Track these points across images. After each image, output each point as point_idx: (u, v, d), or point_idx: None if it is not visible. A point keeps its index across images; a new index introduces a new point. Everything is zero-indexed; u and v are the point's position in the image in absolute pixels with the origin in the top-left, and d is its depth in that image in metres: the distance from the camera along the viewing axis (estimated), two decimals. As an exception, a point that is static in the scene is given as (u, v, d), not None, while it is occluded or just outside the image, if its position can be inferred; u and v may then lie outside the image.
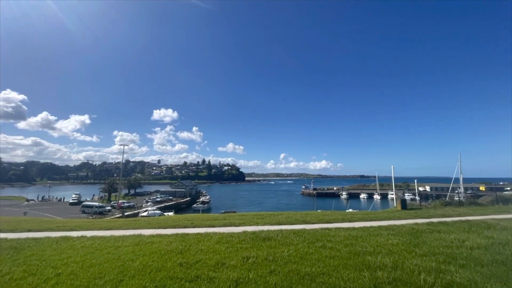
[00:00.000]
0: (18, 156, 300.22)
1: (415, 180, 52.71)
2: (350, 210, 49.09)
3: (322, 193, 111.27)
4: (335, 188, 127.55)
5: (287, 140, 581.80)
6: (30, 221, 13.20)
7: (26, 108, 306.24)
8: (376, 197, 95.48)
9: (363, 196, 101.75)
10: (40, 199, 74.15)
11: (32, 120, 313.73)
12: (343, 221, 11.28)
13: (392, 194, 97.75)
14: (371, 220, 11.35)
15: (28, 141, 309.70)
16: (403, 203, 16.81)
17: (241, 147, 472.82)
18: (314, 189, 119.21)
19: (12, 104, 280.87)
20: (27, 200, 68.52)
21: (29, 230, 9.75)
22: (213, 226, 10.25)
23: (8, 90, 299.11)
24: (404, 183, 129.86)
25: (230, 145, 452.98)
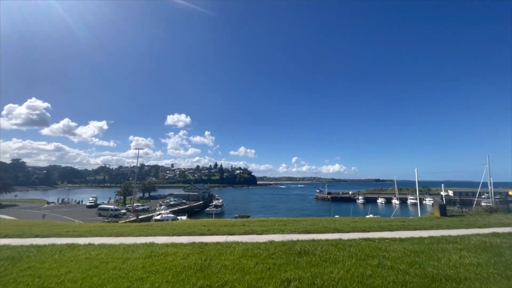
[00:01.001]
0: (42, 161, 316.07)
1: (442, 185, 49.03)
2: (371, 216, 46.39)
3: (337, 198, 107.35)
4: (350, 192, 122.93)
5: (299, 143, 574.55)
6: (42, 225, 12.68)
7: (49, 115, 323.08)
8: (395, 202, 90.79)
9: (380, 200, 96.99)
10: (60, 201, 76.52)
11: (55, 126, 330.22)
12: (381, 229, 9.76)
13: (413, 199, 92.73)
14: (414, 229, 9.76)
15: (51, 146, 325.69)
16: (442, 209, 14.87)
17: (253, 151, 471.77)
18: (329, 193, 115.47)
19: (37, 112, 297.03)
20: (48, 203, 70.79)
21: (37, 236, 9.04)
22: (233, 234, 9.09)
23: (34, 99, 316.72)
24: (425, 187, 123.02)
25: (242, 149, 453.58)
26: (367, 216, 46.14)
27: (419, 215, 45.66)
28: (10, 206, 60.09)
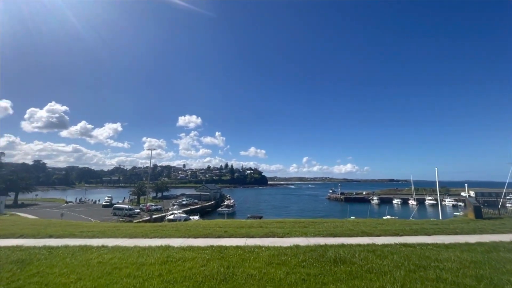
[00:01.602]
0: (61, 162, 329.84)
1: (466, 185, 45.83)
2: (388, 217, 44.53)
3: (351, 198, 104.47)
4: (364, 193, 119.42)
5: (310, 143, 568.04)
6: (57, 225, 12.62)
7: (67, 118, 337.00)
8: (412, 202, 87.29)
9: (396, 201, 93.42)
10: (77, 201, 79.13)
11: (73, 128, 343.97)
12: (415, 233, 8.80)
13: (431, 200, 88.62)
14: (454, 234, 8.72)
15: (69, 148, 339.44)
16: (478, 211, 13.55)
17: (263, 151, 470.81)
18: (342, 193, 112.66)
19: (57, 115, 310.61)
20: (66, 202, 73.38)
21: (51, 236, 8.80)
22: (252, 237, 8.45)
23: (53, 102, 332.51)
24: (443, 188, 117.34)
25: (252, 149, 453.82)
26: (384, 217, 44.32)
27: (440, 217, 43.28)
28: (32, 205, 62.62)
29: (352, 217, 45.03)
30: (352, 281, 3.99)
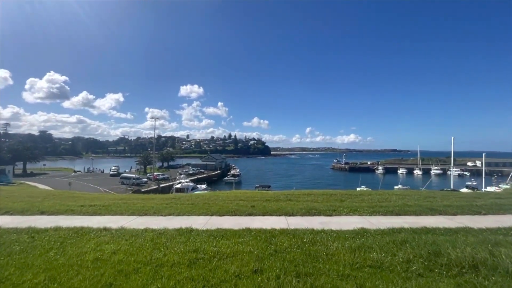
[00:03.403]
0: (66, 133, 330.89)
1: (483, 155, 43.76)
2: (400, 186, 43.61)
3: (355, 168, 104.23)
4: (369, 163, 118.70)
5: (313, 114, 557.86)
6: (57, 197, 11.19)
7: (68, 88, 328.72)
8: (417, 172, 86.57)
9: (401, 171, 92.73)
10: (86, 170, 79.93)
11: (75, 99, 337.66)
12: (498, 209, 6.99)
13: (437, 169, 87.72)
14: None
15: (73, 119, 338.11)
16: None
17: (266, 122, 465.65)
18: (346, 163, 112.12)
19: (57, 85, 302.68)
20: (75, 171, 74.00)
21: (43, 213, 7.19)
22: (291, 214, 6.72)
23: (52, 72, 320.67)
24: (449, 158, 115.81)
25: (255, 120, 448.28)
26: (395, 187, 43.31)
27: (452, 186, 42.03)
28: (41, 174, 63.21)
29: (362, 187, 44.28)
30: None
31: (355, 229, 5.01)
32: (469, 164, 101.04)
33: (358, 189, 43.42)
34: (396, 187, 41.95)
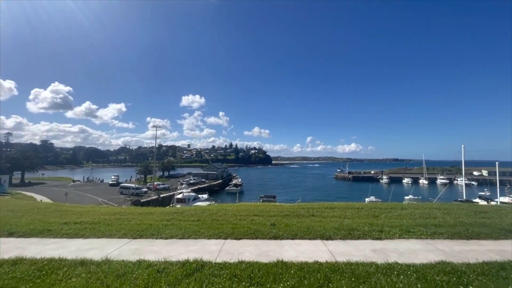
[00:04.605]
0: (68, 142, 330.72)
1: (497, 163, 41.75)
2: (410, 196, 41.56)
3: (359, 177, 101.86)
4: (372, 172, 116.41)
5: (314, 123, 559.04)
6: (42, 210, 9.69)
7: (72, 99, 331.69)
8: (423, 181, 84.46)
9: (406, 180, 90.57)
10: (85, 180, 78.24)
11: (78, 109, 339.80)
12: None
13: (443, 179, 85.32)
14: None
15: (76, 128, 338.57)
16: None
17: (267, 131, 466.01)
18: (350, 172, 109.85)
19: (61, 95, 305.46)
20: (73, 181, 72.33)
21: (11, 234, 5.72)
22: (329, 238, 5.20)
23: (56, 83, 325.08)
24: (454, 167, 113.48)
25: (256, 129, 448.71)
26: (406, 197, 41.21)
27: (464, 196, 39.88)
28: (39, 184, 61.61)
29: (372, 197, 42.16)
30: None
31: (432, 264, 3.52)
32: (475, 173, 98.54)
33: (367, 199, 41.43)
34: (406, 197, 39.91)
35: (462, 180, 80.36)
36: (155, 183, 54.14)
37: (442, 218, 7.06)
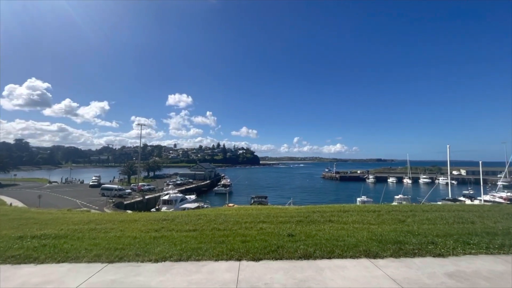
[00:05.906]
0: (46, 141, 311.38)
1: (480, 162, 42.95)
2: (400, 196, 41.84)
3: (346, 177, 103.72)
4: (359, 172, 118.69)
5: (301, 124, 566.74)
6: (11, 217, 7.79)
7: (50, 95, 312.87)
8: (407, 181, 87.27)
9: (391, 180, 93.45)
10: (63, 181, 73.11)
11: (56, 107, 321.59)
12: None
13: (426, 178, 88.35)
14: None
15: (54, 127, 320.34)
16: None
17: (255, 131, 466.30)
18: (337, 172, 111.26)
19: (38, 92, 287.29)
20: (50, 182, 67.25)
21: None
22: (376, 256, 3.99)
23: (33, 79, 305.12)
24: (435, 167, 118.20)
25: (244, 129, 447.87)
26: (396, 197, 41.35)
27: (450, 195, 40.51)
28: (11, 186, 56.63)
29: (363, 197, 41.97)
30: None
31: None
32: (454, 172, 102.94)
33: (358, 199, 41.30)
34: (396, 197, 40.18)
35: (443, 179, 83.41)
36: (140, 184, 51.27)
37: (482, 223, 6.11)
